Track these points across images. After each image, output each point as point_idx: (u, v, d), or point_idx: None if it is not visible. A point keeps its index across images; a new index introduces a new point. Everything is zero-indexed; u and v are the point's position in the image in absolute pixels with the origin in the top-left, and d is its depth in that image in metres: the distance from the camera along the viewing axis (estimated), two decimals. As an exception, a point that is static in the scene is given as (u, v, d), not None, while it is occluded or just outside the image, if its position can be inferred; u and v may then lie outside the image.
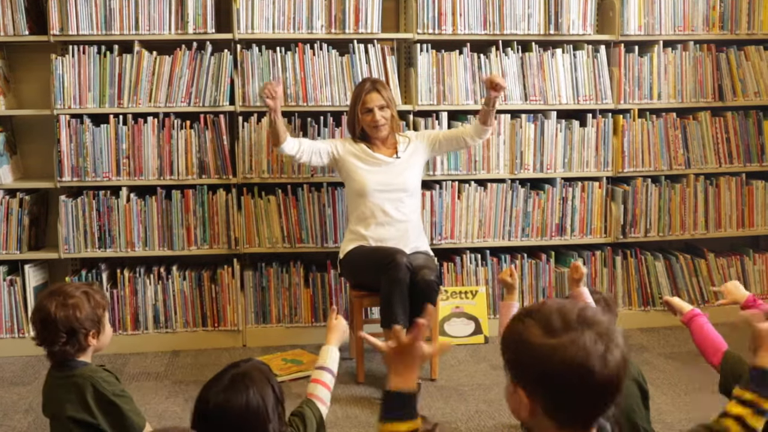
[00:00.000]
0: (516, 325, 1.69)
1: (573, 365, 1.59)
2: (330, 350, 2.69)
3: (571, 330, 1.61)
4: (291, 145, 4.22)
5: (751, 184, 5.17)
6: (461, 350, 4.63)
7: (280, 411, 2.22)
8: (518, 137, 4.83)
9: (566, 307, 1.67)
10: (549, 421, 1.66)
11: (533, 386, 1.64)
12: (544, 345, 1.61)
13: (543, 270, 4.93)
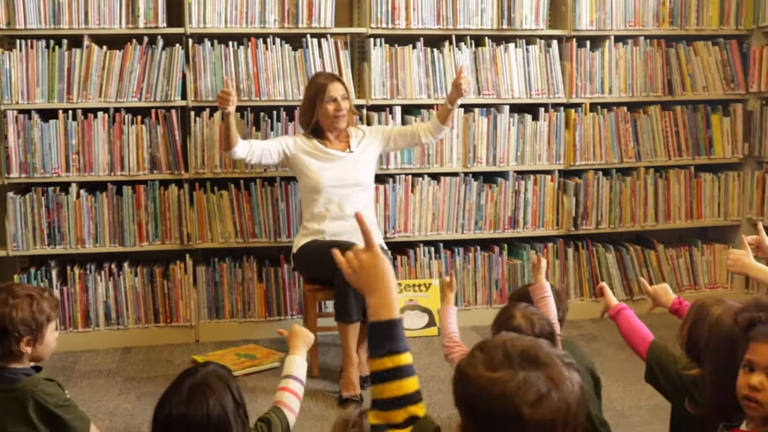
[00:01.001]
0: (466, 357, 1.65)
1: (501, 403, 1.54)
2: (295, 360, 2.62)
3: (509, 367, 1.56)
4: (242, 149, 4.18)
5: (699, 176, 5.26)
6: (415, 343, 4.65)
7: (242, 414, 2.21)
8: (471, 131, 4.86)
9: (515, 342, 1.61)
10: None
11: (465, 416, 1.61)
12: (479, 377, 1.57)
13: (496, 262, 4.96)
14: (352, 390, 3.90)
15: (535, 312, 2.90)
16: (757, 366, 2.15)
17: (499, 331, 2.91)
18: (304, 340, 2.69)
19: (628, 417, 3.69)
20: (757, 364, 2.15)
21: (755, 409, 2.16)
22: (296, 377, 2.58)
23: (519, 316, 2.84)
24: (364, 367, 4.13)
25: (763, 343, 2.15)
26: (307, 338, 2.70)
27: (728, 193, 5.32)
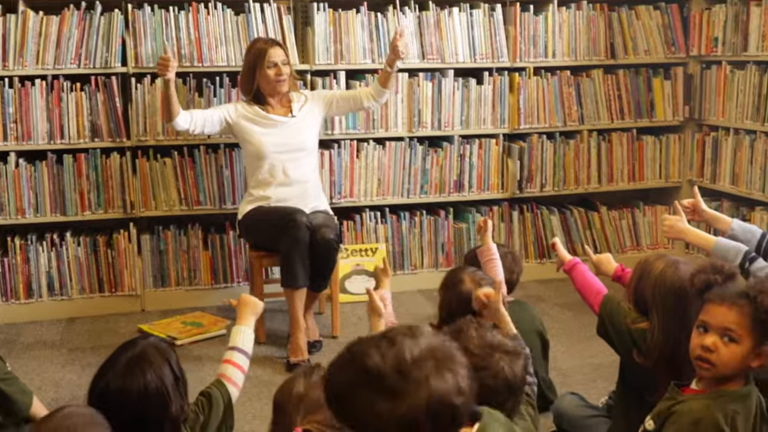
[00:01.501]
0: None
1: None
2: (241, 331, 2.60)
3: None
4: (183, 119, 4.11)
5: (641, 139, 5.33)
6: (362, 307, 4.66)
7: (181, 389, 2.19)
8: (416, 95, 4.85)
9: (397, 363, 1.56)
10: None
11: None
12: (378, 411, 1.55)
13: (442, 226, 4.99)
14: (300, 355, 3.90)
15: (483, 277, 2.92)
16: (711, 327, 2.19)
17: (448, 295, 2.93)
18: (253, 309, 2.67)
19: (572, 376, 3.75)
20: (711, 325, 2.19)
21: (707, 370, 2.19)
22: (241, 349, 2.56)
23: (468, 280, 2.87)
24: (312, 332, 4.14)
25: (718, 304, 2.19)
26: (255, 308, 2.68)
27: (669, 156, 5.40)
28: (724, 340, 2.16)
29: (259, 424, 3.28)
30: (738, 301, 2.17)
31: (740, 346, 2.16)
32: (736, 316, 2.16)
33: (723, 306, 2.18)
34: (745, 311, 2.15)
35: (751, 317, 2.15)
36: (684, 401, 2.22)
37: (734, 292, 2.20)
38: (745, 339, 2.16)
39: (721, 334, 2.17)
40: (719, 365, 2.17)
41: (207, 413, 2.34)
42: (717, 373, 2.19)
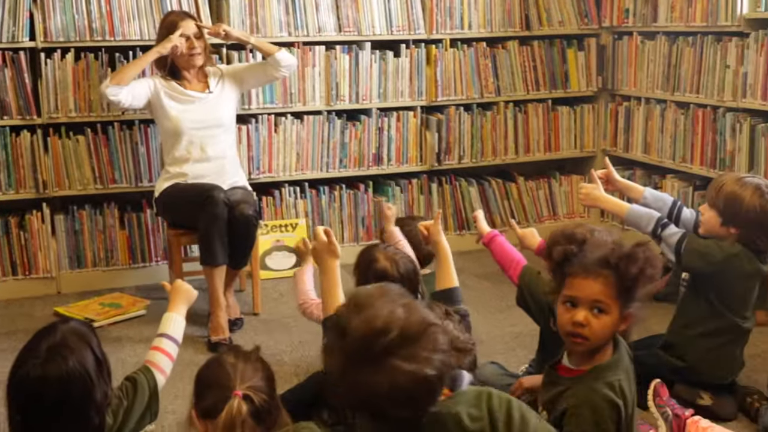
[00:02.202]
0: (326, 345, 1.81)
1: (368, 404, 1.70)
2: (172, 318, 2.56)
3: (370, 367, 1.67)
4: (127, 90, 4.03)
5: (556, 110, 5.41)
6: (283, 283, 4.65)
7: (105, 373, 2.15)
8: (333, 68, 4.82)
9: (368, 336, 1.68)
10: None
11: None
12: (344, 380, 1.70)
13: (362, 200, 4.99)
14: (221, 333, 3.87)
15: (396, 252, 2.93)
16: (579, 301, 2.19)
17: (363, 274, 2.93)
18: (186, 296, 2.63)
19: (492, 345, 3.81)
20: (580, 299, 2.19)
21: (581, 344, 2.21)
22: (172, 336, 2.52)
23: (382, 258, 2.88)
24: (233, 310, 4.11)
25: (583, 278, 2.19)
26: (189, 295, 2.64)
27: (584, 126, 5.50)
28: (594, 313, 2.18)
29: (182, 404, 3.25)
30: (602, 271, 2.17)
31: (610, 315, 2.18)
32: (602, 287, 2.17)
33: (588, 279, 2.18)
34: (610, 281, 2.17)
35: (615, 286, 2.17)
36: (570, 388, 2.22)
37: (595, 262, 2.20)
38: (613, 308, 2.18)
39: (591, 307, 2.17)
40: (592, 338, 2.19)
41: (131, 398, 2.30)
42: (590, 345, 2.21)
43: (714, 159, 4.68)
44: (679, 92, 4.87)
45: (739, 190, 3.06)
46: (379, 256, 2.89)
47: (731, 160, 4.55)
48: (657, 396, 3.02)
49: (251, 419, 1.95)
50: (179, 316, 2.58)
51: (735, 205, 3.05)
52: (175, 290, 2.63)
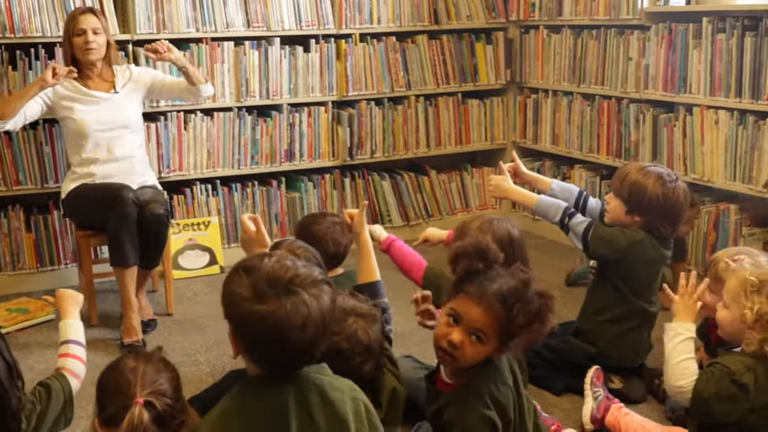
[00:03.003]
0: (233, 277, 1.81)
1: (270, 332, 1.75)
2: (69, 324, 2.49)
3: (276, 297, 1.75)
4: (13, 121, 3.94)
5: (466, 103, 5.47)
6: (197, 282, 4.60)
7: (16, 377, 2.08)
8: (242, 64, 4.78)
9: (277, 271, 1.79)
10: (252, 363, 1.86)
11: (237, 333, 1.83)
12: (248, 309, 1.76)
13: (274, 196, 4.96)
14: (134, 335, 3.81)
15: (299, 246, 2.89)
16: (462, 321, 2.17)
17: None
18: (74, 301, 2.57)
19: (408, 338, 3.82)
20: (464, 319, 2.17)
21: (448, 363, 2.23)
22: (76, 341, 2.46)
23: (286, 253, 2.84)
24: (146, 311, 4.05)
25: (475, 303, 2.16)
26: (76, 299, 2.58)
27: (494, 119, 5.57)
28: (472, 339, 2.17)
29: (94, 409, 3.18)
30: (495, 305, 2.14)
31: (485, 346, 2.17)
32: (490, 319, 2.14)
33: (480, 306, 2.15)
34: (500, 317, 2.14)
35: (503, 323, 2.15)
36: (448, 404, 2.23)
37: (493, 293, 2.16)
38: (491, 341, 2.17)
39: (470, 332, 2.16)
40: (461, 361, 2.19)
41: (45, 404, 2.23)
42: (456, 366, 2.21)
43: (619, 149, 4.80)
44: (584, 84, 4.98)
45: (642, 179, 3.14)
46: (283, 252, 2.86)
47: (636, 149, 4.68)
48: (595, 378, 3.11)
49: (153, 425, 1.90)
50: (74, 320, 2.52)
51: (639, 194, 3.13)
52: (60, 299, 2.57)
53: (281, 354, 1.80)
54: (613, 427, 2.95)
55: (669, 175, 3.16)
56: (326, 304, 1.81)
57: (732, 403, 2.26)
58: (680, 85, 4.38)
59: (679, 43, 4.36)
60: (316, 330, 1.78)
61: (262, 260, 1.82)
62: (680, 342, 2.41)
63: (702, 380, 2.33)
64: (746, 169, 4.09)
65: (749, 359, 2.26)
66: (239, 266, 1.82)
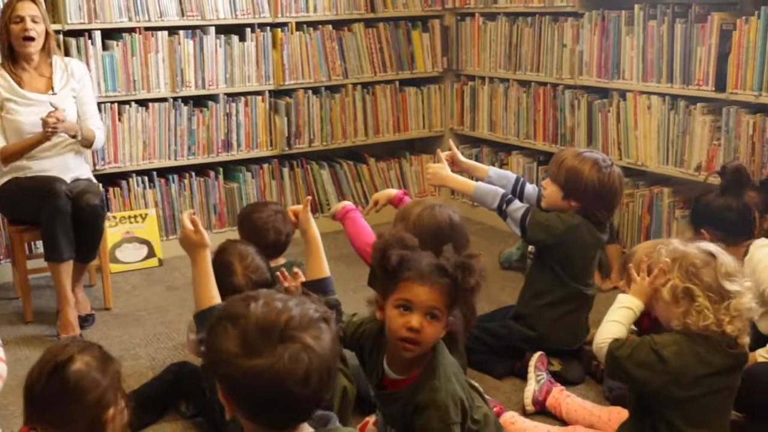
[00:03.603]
0: (216, 329, 1.60)
1: (270, 389, 1.53)
2: None
3: (271, 348, 1.53)
4: None
5: (404, 91, 5.48)
6: (135, 275, 4.54)
7: None
8: (177, 54, 4.72)
9: (268, 316, 1.57)
10: (252, 424, 1.63)
11: (231, 395, 1.59)
12: (241, 367, 1.54)
13: (213, 187, 4.92)
14: (71, 330, 3.74)
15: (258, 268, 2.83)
16: (415, 306, 2.22)
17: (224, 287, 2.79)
18: None
19: (349, 326, 3.84)
20: (416, 304, 2.22)
21: (412, 350, 2.25)
22: None
23: (240, 273, 2.79)
24: (83, 306, 3.98)
25: (420, 284, 2.22)
26: None
27: (431, 106, 5.59)
28: (428, 319, 2.23)
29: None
30: (439, 279, 2.22)
31: (441, 322, 2.25)
32: (438, 294, 2.22)
33: (426, 286, 2.21)
34: (445, 289, 2.23)
35: (450, 294, 2.24)
36: (410, 397, 2.28)
37: (433, 270, 2.24)
38: (443, 315, 2.25)
39: (425, 313, 2.22)
40: (424, 343, 2.24)
41: None
42: (420, 351, 2.26)
43: (555, 135, 4.86)
44: (520, 71, 5.02)
45: (578, 165, 3.18)
46: (237, 268, 2.80)
47: (571, 135, 4.74)
48: (539, 362, 3.15)
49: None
50: None
51: (575, 180, 3.18)
52: None
53: (284, 411, 1.58)
54: (554, 409, 3.00)
55: (604, 160, 3.20)
56: (327, 346, 1.59)
57: (649, 371, 2.31)
58: (614, 71, 4.45)
59: (612, 29, 4.42)
60: (321, 378, 1.56)
61: (248, 306, 1.59)
62: (618, 308, 2.47)
63: (619, 341, 2.39)
64: (678, 153, 4.17)
65: (678, 335, 2.32)
66: (222, 315, 1.61)
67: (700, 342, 2.29)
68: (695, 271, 2.30)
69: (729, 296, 2.28)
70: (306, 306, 1.62)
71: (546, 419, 2.98)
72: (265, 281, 2.83)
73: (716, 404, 2.35)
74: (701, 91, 4.02)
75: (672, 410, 2.32)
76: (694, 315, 2.28)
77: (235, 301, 1.63)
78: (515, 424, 2.85)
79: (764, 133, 3.77)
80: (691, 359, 2.28)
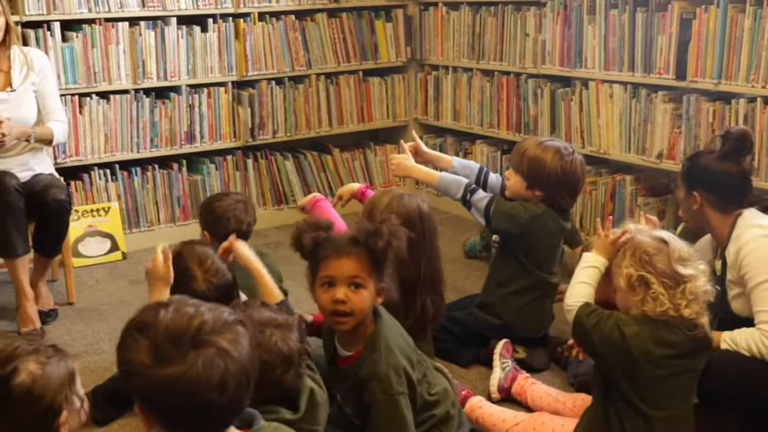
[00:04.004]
0: (126, 341, 1.53)
1: (184, 399, 1.47)
2: None
3: (183, 356, 1.46)
4: None
5: (367, 81, 5.47)
6: (98, 269, 4.50)
7: None
8: (138, 45, 4.66)
9: (178, 322, 1.50)
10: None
11: (145, 405, 1.53)
12: (152, 377, 1.47)
13: (176, 179, 4.88)
14: (31, 325, 3.69)
15: (218, 271, 2.78)
16: (337, 280, 2.31)
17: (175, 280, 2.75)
18: None
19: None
20: (337, 278, 2.31)
21: (346, 322, 2.32)
22: None
23: (201, 280, 2.74)
24: (46, 301, 3.94)
25: (336, 258, 2.31)
26: None
27: (395, 96, 5.59)
28: (352, 289, 2.30)
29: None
30: (353, 250, 2.31)
31: (367, 290, 2.32)
32: (356, 263, 2.31)
33: (341, 258, 2.31)
34: (362, 257, 2.31)
35: (368, 261, 2.31)
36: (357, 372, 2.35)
37: (345, 242, 2.34)
38: (368, 282, 2.31)
39: (348, 284, 2.30)
40: (356, 312, 2.31)
41: None
42: (354, 321, 2.32)
43: (519, 124, 4.88)
44: (484, 60, 5.04)
45: (541, 154, 3.20)
46: (197, 274, 2.74)
47: (535, 124, 4.76)
48: (505, 350, 3.17)
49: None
50: None
51: (538, 169, 3.20)
52: None
53: (202, 421, 1.51)
54: (519, 396, 3.03)
55: (566, 148, 3.22)
56: (245, 350, 1.52)
57: (609, 346, 2.33)
58: (576, 60, 4.47)
59: (574, 18, 4.45)
60: (239, 385, 1.50)
61: (157, 313, 1.51)
62: (584, 268, 2.50)
63: (588, 309, 2.41)
64: (640, 141, 4.21)
65: (640, 318, 2.34)
66: (131, 326, 1.53)
67: (661, 325, 2.32)
68: (648, 258, 2.33)
69: (684, 280, 2.31)
70: (220, 309, 1.56)
71: (512, 406, 3.00)
72: (225, 283, 2.79)
73: (679, 387, 2.38)
74: (662, 79, 4.07)
75: (635, 393, 2.34)
76: (650, 302, 2.31)
77: (145, 310, 1.56)
78: (482, 408, 2.87)
79: (724, 121, 3.82)
80: (650, 342, 2.31)
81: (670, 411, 2.37)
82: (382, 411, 2.33)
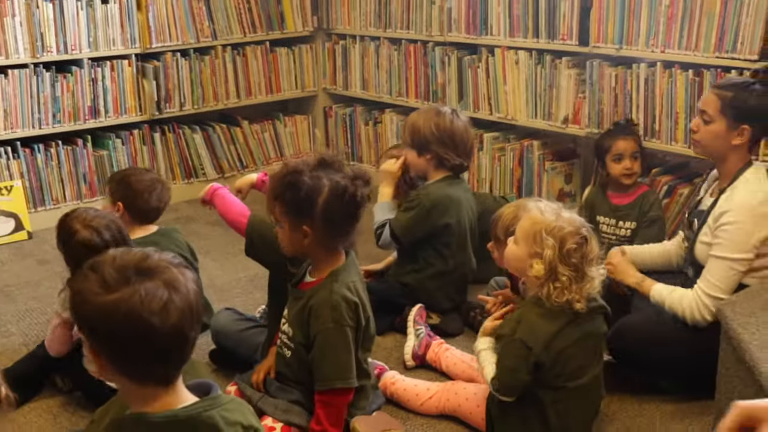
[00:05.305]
0: (77, 278, 1.61)
1: (128, 324, 1.53)
2: None
3: (128, 283, 1.55)
4: None
5: (275, 51, 5.41)
6: (4, 250, 4.38)
7: None
8: (36, 17, 4.51)
9: (125, 257, 1.60)
10: (121, 377, 1.61)
11: (93, 339, 1.59)
12: (98, 303, 1.54)
13: (81, 155, 4.76)
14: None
15: (96, 215, 2.75)
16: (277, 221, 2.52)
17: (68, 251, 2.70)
18: None
19: (228, 290, 3.82)
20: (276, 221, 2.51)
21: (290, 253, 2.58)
22: None
23: (81, 228, 2.70)
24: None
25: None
26: None
27: (303, 66, 5.55)
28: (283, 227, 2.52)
29: None
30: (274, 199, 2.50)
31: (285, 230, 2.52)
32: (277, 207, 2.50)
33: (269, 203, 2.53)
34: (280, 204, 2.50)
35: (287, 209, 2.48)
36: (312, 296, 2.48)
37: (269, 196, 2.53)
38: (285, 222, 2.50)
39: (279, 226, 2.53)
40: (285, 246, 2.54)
41: None
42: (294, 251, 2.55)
43: (427, 92, 4.91)
44: (391, 29, 5.04)
45: (415, 118, 3.31)
46: (76, 227, 2.70)
47: (443, 91, 4.79)
48: (418, 316, 3.20)
49: None
50: None
51: (416, 132, 3.28)
52: None
53: (147, 351, 1.56)
54: (433, 362, 3.07)
55: (444, 108, 3.31)
56: (190, 286, 1.60)
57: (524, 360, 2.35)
58: (482, 27, 4.51)
59: (479, -14, 4.48)
60: (182, 316, 1.57)
61: (108, 253, 1.63)
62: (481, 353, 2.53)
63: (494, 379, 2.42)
64: (546, 107, 4.28)
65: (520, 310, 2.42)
66: (84, 267, 1.62)
67: (540, 304, 2.37)
68: (568, 252, 2.33)
69: (586, 280, 2.36)
70: (167, 254, 1.65)
71: (427, 373, 3.04)
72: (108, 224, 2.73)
73: (586, 353, 2.42)
74: (566, 45, 4.13)
75: (546, 369, 2.37)
76: (552, 291, 2.34)
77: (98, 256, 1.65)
78: (395, 384, 2.88)
79: (626, 85, 3.91)
80: (538, 322, 2.35)
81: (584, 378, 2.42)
82: (330, 338, 2.43)
